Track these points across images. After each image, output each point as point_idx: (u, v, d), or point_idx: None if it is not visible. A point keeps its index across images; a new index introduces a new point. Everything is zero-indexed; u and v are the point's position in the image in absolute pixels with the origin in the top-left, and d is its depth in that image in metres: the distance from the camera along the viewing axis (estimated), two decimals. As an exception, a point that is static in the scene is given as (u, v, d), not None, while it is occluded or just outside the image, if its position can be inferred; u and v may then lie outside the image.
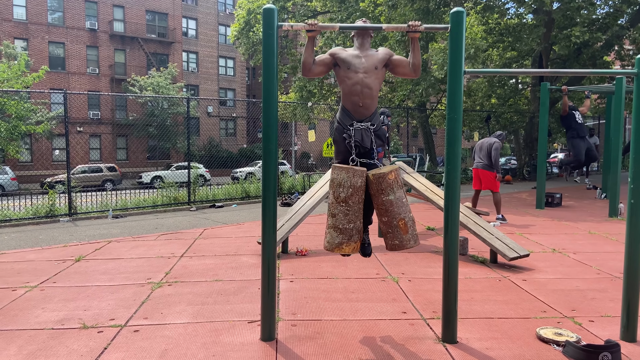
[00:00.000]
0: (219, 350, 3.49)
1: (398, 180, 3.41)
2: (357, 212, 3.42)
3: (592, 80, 18.84)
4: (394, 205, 3.37)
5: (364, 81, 3.56)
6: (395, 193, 3.37)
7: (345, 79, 3.62)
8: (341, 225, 3.40)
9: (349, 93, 3.61)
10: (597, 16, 16.21)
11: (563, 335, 3.60)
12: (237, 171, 25.47)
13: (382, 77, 3.70)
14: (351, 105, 3.64)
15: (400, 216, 3.39)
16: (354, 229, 3.41)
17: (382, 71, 3.70)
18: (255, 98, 41.71)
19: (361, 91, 3.57)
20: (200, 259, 6.27)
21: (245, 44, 20.41)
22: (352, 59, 3.63)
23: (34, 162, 28.35)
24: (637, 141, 3.64)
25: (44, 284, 5.22)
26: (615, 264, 5.82)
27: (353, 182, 3.37)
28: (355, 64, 3.59)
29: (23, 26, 29.29)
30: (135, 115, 31.31)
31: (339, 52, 3.70)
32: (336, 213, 3.42)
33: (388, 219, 3.39)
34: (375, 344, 3.61)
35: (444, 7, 15.34)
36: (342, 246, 3.42)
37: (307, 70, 3.65)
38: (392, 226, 3.40)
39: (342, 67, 3.66)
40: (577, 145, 10.56)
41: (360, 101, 3.59)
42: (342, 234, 3.40)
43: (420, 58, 3.65)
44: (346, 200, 3.37)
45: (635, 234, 3.62)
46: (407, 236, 3.40)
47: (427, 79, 16.51)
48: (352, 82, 3.58)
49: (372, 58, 3.64)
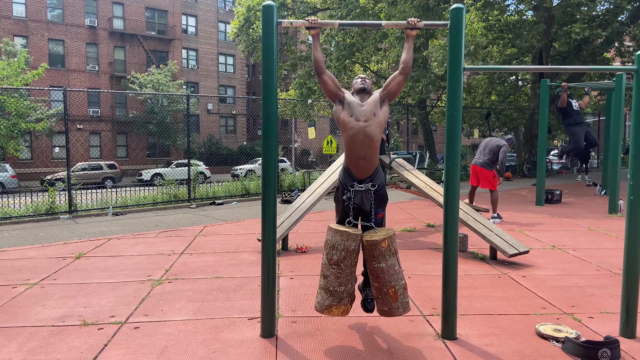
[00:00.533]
0: (219, 347, 3.50)
1: (391, 248, 3.35)
2: (349, 275, 3.39)
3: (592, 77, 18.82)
4: (385, 272, 3.32)
5: (365, 130, 3.46)
6: (387, 261, 3.32)
7: (346, 127, 3.53)
8: (332, 287, 3.38)
9: (350, 144, 3.51)
10: (597, 13, 16.18)
11: (562, 332, 3.61)
12: (237, 168, 25.49)
13: (383, 123, 3.57)
14: (353, 161, 3.53)
15: (391, 284, 3.34)
16: (345, 292, 3.38)
17: (382, 113, 3.57)
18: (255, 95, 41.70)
19: (362, 141, 3.46)
20: (201, 256, 6.27)
21: (245, 41, 20.38)
22: (356, 106, 3.55)
23: (34, 159, 28.35)
24: (637, 138, 3.63)
25: (44, 281, 5.23)
26: (615, 261, 5.82)
27: (346, 245, 3.33)
28: (356, 113, 3.52)
29: (22, 23, 29.24)
30: (135, 112, 31.29)
31: (348, 95, 3.65)
32: (328, 275, 3.40)
33: (378, 285, 3.37)
34: (374, 341, 3.61)
35: (444, 4, 15.31)
36: (332, 309, 3.40)
37: (319, 69, 3.61)
38: (382, 293, 3.37)
39: (345, 110, 3.57)
40: (576, 132, 10.62)
41: (362, 152, 3.47)
42: (332, 296, 3.38)
43: (411, 57, 3.63)
44: (338, 263, 3.35)
45: (635, 230, 3.62)
46: (396, 304, 3.36)
47: (427, 75, 16.49)
48: (353, 132, 3.48)
49: (370, 104, 3.55)
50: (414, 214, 9.61)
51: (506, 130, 23.45)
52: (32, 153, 28.50)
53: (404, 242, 6.97)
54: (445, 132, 3.61)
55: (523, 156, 20.12)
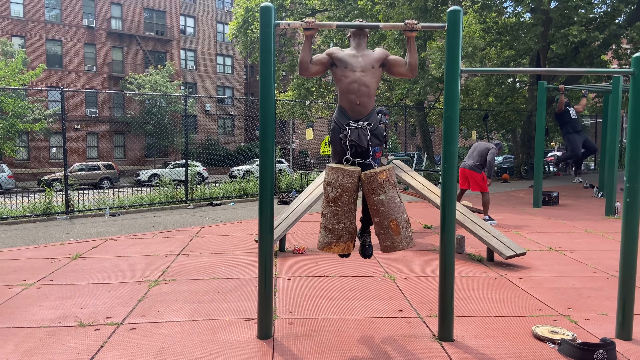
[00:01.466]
0: (215, 348, 3.50)
1: (390, 180, 3.33)
2: (347, 212, 3.38)
3: (589, 79, 18.87)
4: (385, 205, 3.30)
5: (361, 79, 3.54)
6: (386, 193, 3.29)
7: (342, 77, 3.61)
8: (330, 225, 3.37)
9: (345, 92, 3.58)
10: (595, 15, 16.24)
11: (559, 334, 3.62)
12: (235, 169, 25.47)
13: (379, 76, 3.68)
14: (348, 104, 3.61)
15: (392, 217, 3.31)
16: (344, 229, 3.38)
17: (379, 70, 3.68)
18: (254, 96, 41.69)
19: (358, 89, 3.54)
20: (198, 257, 6.27)
21: (243, 42, 20.38)
22: (349, 58, 3.62)
23: (31, 159, 28.28)
24: (634, 140, 3.65)
25: (41, 281, 5.21)
26: (611, 263, 5.84)
27: (342, 182, 3.32)
28: (352, 63, 3.58)
29: (20, 23, 29.19)
30: (133, 113, 31.25)
31: (336, 52, 3.70)
32: (326, 213, 3.40)
33: (379, 219, 3.33)
34: (371, 342, 3.61)
35: (442, 6, 15.34)
36: (331, 246, 3.39)
37: (304, 70, 3.64)
38: (383, 227, 3.33)
39: (339, 66, 3.64)
40: (573, 139, 10.59)
41: (357, 99, 3.56)
42: (331, 233, 3.38)
43: (417, 57, 3.64)
44: (335, 201, 3.34)
45: (631, 232, 3.63)
46: (398, 237, 3.32)
47: (424, 77, 16.52)
48: (349, 81, 3.55)
49: (369, 57, 3.62)
50: (411, 215, 9.61)
51: (504, 132, 23.49)
52: (29, 153, 28.44)
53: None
54: (443, 133, 3.62)
55: (520, 158, 20.16)
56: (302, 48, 3.65)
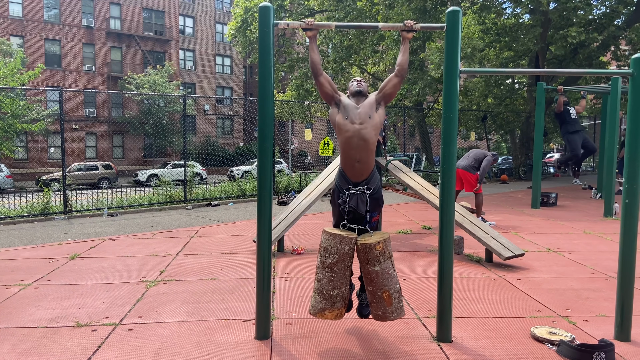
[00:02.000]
0: (213, 349, 3.49)
1: (386, 252, 3.32)
2: (342, 279, 3.36)
3: (588, 81, 18.91)
4: (379, 276, 3.29)
5: (360, 133, 3.45)
6: (381, 264, 3.29)
7: (342, 130, 3.51)
8: (325, 291, 3.35)
9: (345, 147, 3.49)
10: (594, 16, 16.26)
11: (557, 335, 3.61)
12: (234, 169, 25.46)
13: (378, 125, 3.55)
14: (348, 164, 3.50)
15: (385, 288, 3.31)
16: (338, 295, 3.36)
17: (379, 114, 3.56)
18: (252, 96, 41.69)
19: (357, 144, 3.44)
20: (196, 258, 6.26)
21: (242, 42, 20.38)
22: (351, 109, 3.53)
23: (29, 159, 28.24)
24: (632, 141, 3.64)
25: (38, 281, 5.20)
26: (610, 264, 5.84)
27: (340, 249, 3.31)
28: (352, 116, 3.50)
29: (19, 23, 29.16)
30: (132, 113, 31.23)
31: (343, 96, 3.64)
32: (321, 278, 3.37)
33: (373, 288, 3.34)
34: (370, 343, 3.61)
35: (441, 7, 15.36)
36: (325, 312, 3.37)
37: (316, 70, 3.59)
38: (376, 297, 3.34)
39: (341, 113, 3.55)
40: (573, 139, 10.57)
41: (357, 155, 3.45)
42: (325, 299, 3.35)
43: (407, 59, 3.61)
44: (331, 267, 3.32)
45: (630, 233, 3.63)
46: (390, 308, 3.32)
47: (423, 78, 16.54)
48: (348, 135, 3.46)
49: (365, 107, 3.53)
50: (410, 216, 9.61)
51: (502, 133, 23.51)
52: (27, 153, 28.40)
53: (400, 244, 6.96)
54: (442, 134, 3.61)
55: (519, 159, 20.18)
56: (309, 51, 3.63)
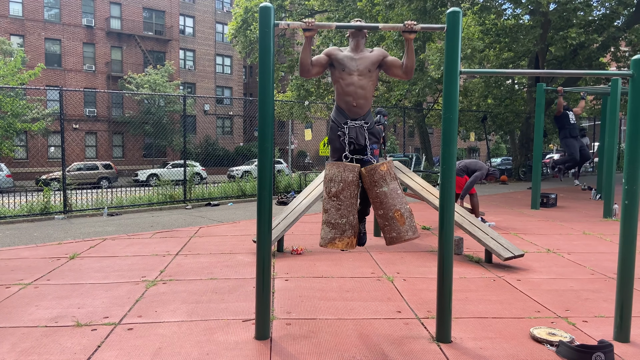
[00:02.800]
0: (213, 349, 3.49)
1: (390, 172, 3.40)
2: (349, 206, 3.40)
3: (587, 82, 18.92)
4: (388, 196, 3.35)
5: (358, 82, 3.63)
6: (388, 185, 3.35)
7: (339, 79, 3.69)
8: (333, 220, 3.39)
9: (343, 93, 3.68)
10: (593, 18, 16.27)
11: (557, 335, 3.62)
12: (234, 169, 25.45)
13: (376, 78, 3.77)
14: (345, 105, 3.71)
15: (396, 207, 3.36)
16: (347, 224, 3.39)
17: (376, 72, 3.77)
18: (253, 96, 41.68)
19: (355, 92, 3.63)
20: (196, 257, 6.26)
21: (242, 42, 20.39)
22: (347, 60, 3.68)
23: (29, 159, 28.23)
24: (632, 142, 3.65)
25: (38, 281, 5.20)
26: (609, 265, 5.84)
27: (344, 176, 3.36)
28: (349, 66, 3.66)
29: (19, 23, 29.15)
30: (132, 112, 31.22)
31: (335, 53, 3.74)
32: (328, 208, 3.41)
33: (384, 211, 3.38)
34: (369, 343, 3.61)
35: (441, 7, 15.36)
36: (335, 241, 3.41)
37: (305, 71, 3.70)
38: (388, 218, 3.38)
39: (337, 68, 3.72)
40: (571, 144, 10.60)
41: (354, 101, 3.65)
42: (334, 228, 3.39)
43: (413, 60, 3.66)
44: (337, 195, 3.36)
45: (629, 234, 3.63)
46: (404, 227, 3.37)
47: (423, 78, 16.53)
48: (346, 83, 3.64)
49: (366, 60, 3.69)
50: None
51: (502, 133, 23.51)
52: (27, 152, 28.39)
53: (400, 244, 6.96)
54: (442, 135, 3.61)
55: (519, 160, 20.19)
56: (302, 49, 3.67)
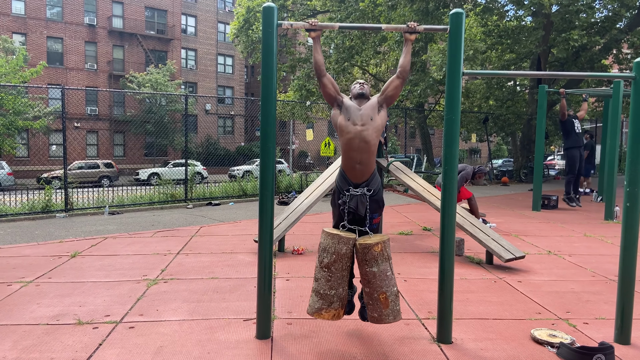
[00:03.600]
0: (214, 348, 3.49)
1: (384, 253, 3.31)
2: (340, 279, 3.35)
3: (589, 84, 18.90)
4: (377, 278, 3.28)
5: (362, 134, 3.47)
6: (379, 266, 3.28)
7: (343, 131, 3.54)
8: (322, 290, 3.34)
9: (347, 149, 3.51)
10: (596, 20, 16.27)
11: (557, 337, 3.62)
12: (235, 169, 25.47)
13: (380, 127, 3.58)
14: (349, 165, 3.53)
15: (382, 290, 3.29)
16: (335, 295, 3.34)
17: (379, 118, 3.58)
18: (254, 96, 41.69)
19: (358, 146, 3.46)
20: (197, 257, 6.26)
21: (244, 42, 20.40)
22: (353, 110, 3.55)
23: (30, 157, 28.27)
24: (634, 145, 3.65)
25: (40, 279, 5.21)
26: (610, 267, 5.84)
27: (337, 248, 3.30)
28: (354, 117, 3.52)
29: (21, 21, 29.19)
30: (133, 111, 31.25)
31: (344, 96, 3.66)
32: (319, 278, 3.36)
33: (370, 290, 3.33)
34: (370, 343, 3.61)
35: (443, 8, 15.37)
36: (322, 312, 3.35)
37: (320, 72, 3.61)
38: (373, 298, 3.32)
39: (342, 114, 3.58)
40: (572, 157, 10.57)
41: (358, 157, 3.48)
42: (322, 299, 3.34)
43: (409, 61, 3.63)
44: (329, 267, 3.31)
45: (631, 237, 3.64)
46: (386, 311, 3.30)
47: (425, 79, 16.53)
48: (350, 136, 3.49)
49: (367, 108, 3.55)
50: (410, 217, 9.62)
51: (503, 135, 23.51)
52: (28, 151, 28.43)
53: (401, 245, 6.97)
54: (444, 135, 3.62)
55: (520, 161, 20.18)
56: (313, 51, 3.64)
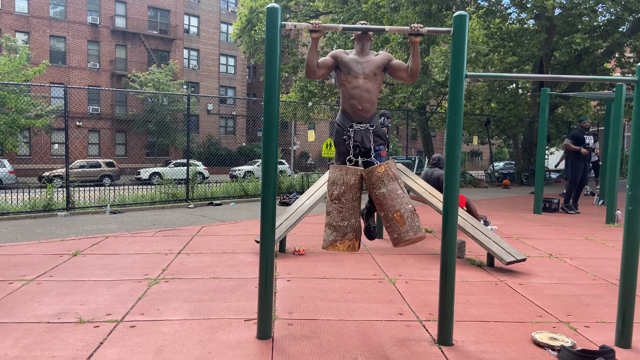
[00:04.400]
0: (215, 348, 3.50)
1: (389, 173, 3.37)
2: (351, 209, 3.40)
3: (592, 87, 18.91)
4: (387, 198, 3.33)
5: (364, 86, 3.64)
6: (387, 186, 3.33)
7: (345, 83, 3.70)
8: (334, 222, 3.39)
9: (348, 97, 3.69)
10: (599, 23, 16.26)
11: (558, 340, 3.62)
12: (236, 169, 25.47)
13: (381, 81, 3.79)
14: (350, 108, 3.72)
15: (395, 208, 3.33)
16: (348, 226, 3.39)
17: (382, 75, 3.79)
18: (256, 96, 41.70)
19: (360, 95, 3.64)
20: (198, 256, 6.27)
21: (246, 43, 20.42)
22: (353, 64, 3.70)
23: (32, 155, 28.31)
24: (637, 149, 3.65)
25: (41, 277, 5.22)
26: (612, 271, 5.83)
27: (346, 179, 3.36)
28: (355, 70, 3.67)
29: (24, 19, 29.25)
30: (135, 111, 31.28)
31: (341, 56, 3.76)
32: (330, 211, 3.42)
33: (384, 212, 3.37)
34: (371, 345, 3.61)
35: (446, 11, 15.37)
36: (336, 244, 3.40)
37: (311, 73, 3.71)
38: (388, 219, 3.38)
39: (342, 71, 3.74)
40: (577, 166, 10.54)
41: (359, 104, 3.66)
42: (336, 231, 3.39)
43: (419, 63, 3.67)
44: (339, 198, 3.36)
45: (632, 240, 3.63)
46: (404, 228, 3.34)
47: (427, 81, 16.54)
48: (351, 87, 3.65)
49: (371, 64, 3.71)
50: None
51: (505, 137, 23.49)
52: (30, 149, 28.46)
53: (402, 247, 6.95)
54: (446, 137, 3.62)
55: (521, 164, 20.17)
56: (309, 51, 3.68)
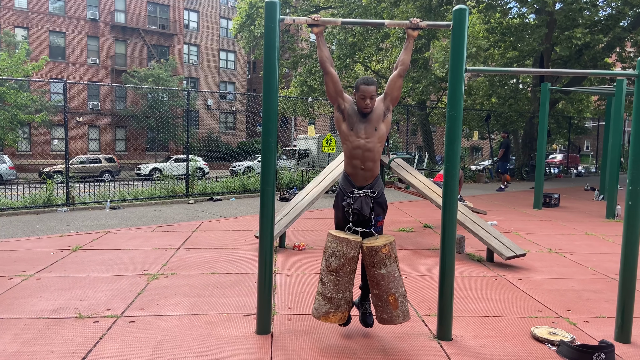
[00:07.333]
0: (214, 343, 3.50)
1: (391, 255, 3.32)
2: (347, 282, 3.36)
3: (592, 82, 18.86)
4: (385, 279, 3.29)
5: (366, 146, 3.42)
6: (387, 267, 3.28)
7: (347, 140, 3.48)
8: (329, 294, 3.34)
9: (350, 156, 3.48)
10: (599, 18, 16.21)
11: (557, 335, 3.62)
12: (236, 165, 25.44)
13: (385, 135, 3.51)
14: (352, 170, 3.50)
15: (391, 291, 3.30)
16: (343, 299, 3.35)
17: (385, 125, 3.50)
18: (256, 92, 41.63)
19: (362, 155, 3.43)
20: (197, 252, 6.27)
21: (246, 38, 20.36)
22: (356, 121, 3.46)
23: (32, 151, 28.27)
24: (637, 143, 3.64)
25: (40, 273, 5.22)
26: (611, 266, 5.83)
27: (345, 252, 3.30)
28: (357, 128, 3.45)
29: (24, 15, 29.15)
30: (135, 106, 31.23)
31: (349, 104, 3.54)
32: (326, 281, 3.36)
33: (379, 292, 3.34)
34: (370, 340, 3.61)
35: (446, 5, 15.32)
36: (329, 315, 3.36)
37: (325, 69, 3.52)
38: (382, 300, 3.33)
39: (346, 122, 3.49)
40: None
41: (362, 164, 3.45)
42: (329, 303, 3.35)
43: (409, 58, 3.58)
44: (337, 270, 3.31)
45: (632, 235, 3.63)
46: (396, 312, 3.32)
47: (427, 77, 16.50)
48: (353, 146, 3.45)
49: (372, 120, 3.46)
50: (411, 215, 9.61)
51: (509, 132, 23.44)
52: (30, 145, 28.43)
53: (401, 242, 6.97)
54: (446, 133, 3.61)
55: (522, 159, 20.15)
56: (318, 48, 3.54)
